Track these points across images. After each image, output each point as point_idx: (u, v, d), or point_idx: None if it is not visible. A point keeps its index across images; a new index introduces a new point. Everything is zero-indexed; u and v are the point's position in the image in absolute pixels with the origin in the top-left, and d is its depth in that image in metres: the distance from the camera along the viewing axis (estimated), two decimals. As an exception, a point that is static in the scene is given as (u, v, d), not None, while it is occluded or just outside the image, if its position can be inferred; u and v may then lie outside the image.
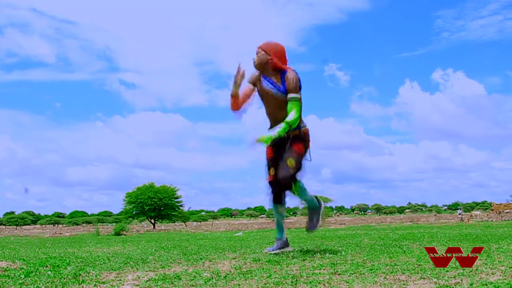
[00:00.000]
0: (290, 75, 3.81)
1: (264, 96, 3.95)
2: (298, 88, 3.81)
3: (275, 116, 3.89)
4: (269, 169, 3.94)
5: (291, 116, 3.70)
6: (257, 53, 3.92)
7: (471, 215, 33.15)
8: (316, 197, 4.09)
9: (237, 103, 3.93)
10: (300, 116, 3.79)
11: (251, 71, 4.00)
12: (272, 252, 3.84)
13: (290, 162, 3.68)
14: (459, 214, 35.44)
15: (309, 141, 3.93)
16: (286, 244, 4.02)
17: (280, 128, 3.66)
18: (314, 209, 4.05)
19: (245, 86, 3.98)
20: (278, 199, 3.94)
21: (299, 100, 3.79)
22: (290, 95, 3.77)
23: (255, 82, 3.99)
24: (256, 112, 4.54)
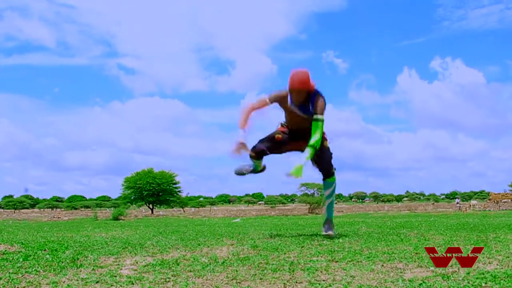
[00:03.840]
0: (320, 99, 4.03)
1: (292, 115, 4.21)
2: (323, 111, 4.05)
3: (298, 127, 4.25)
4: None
5: (315, 138, 3.97)
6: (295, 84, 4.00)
7: (469, 205, 33.26)
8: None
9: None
10: (322, 136, 4.06)
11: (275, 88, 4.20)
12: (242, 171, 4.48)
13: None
14: (457, 203, 35.56)
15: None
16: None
17: (307, 154, 3.93)
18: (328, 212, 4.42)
19: (259, 102, 4.16)
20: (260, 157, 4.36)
21: (323, 121, 4.04)
22: (315, 116, 4.02)
23: (278, 101, 4.17)
24: (254, 99, 4.54)
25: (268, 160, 4.45)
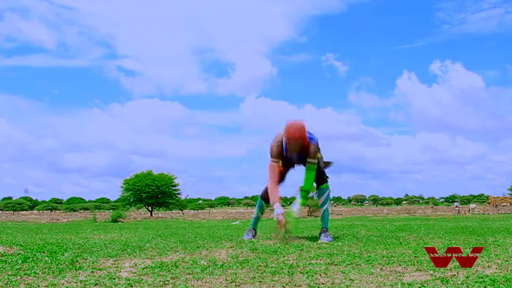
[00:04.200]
0: (312, 145, 4.22)
1: (285, 161, 4.41)
2: (316, 154, 4.24)
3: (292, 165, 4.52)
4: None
5: (308, 183, 4.22)
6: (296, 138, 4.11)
7: (468, 209, 33.22)
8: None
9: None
10: (314, 180, 4.30)
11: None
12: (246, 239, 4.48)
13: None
14: (456, 206, 35.55)
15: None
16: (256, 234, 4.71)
17: (300, 199, 4.24)
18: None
19: (275, 171, 4.29)
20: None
21: (316, 164, 4.23)
22: (309, 160, 4.21)
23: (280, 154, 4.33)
24: (253, 102, 4.56)
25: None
